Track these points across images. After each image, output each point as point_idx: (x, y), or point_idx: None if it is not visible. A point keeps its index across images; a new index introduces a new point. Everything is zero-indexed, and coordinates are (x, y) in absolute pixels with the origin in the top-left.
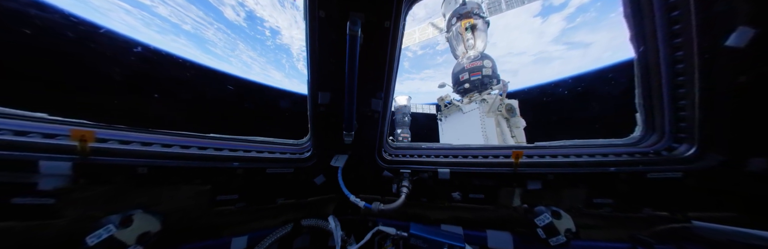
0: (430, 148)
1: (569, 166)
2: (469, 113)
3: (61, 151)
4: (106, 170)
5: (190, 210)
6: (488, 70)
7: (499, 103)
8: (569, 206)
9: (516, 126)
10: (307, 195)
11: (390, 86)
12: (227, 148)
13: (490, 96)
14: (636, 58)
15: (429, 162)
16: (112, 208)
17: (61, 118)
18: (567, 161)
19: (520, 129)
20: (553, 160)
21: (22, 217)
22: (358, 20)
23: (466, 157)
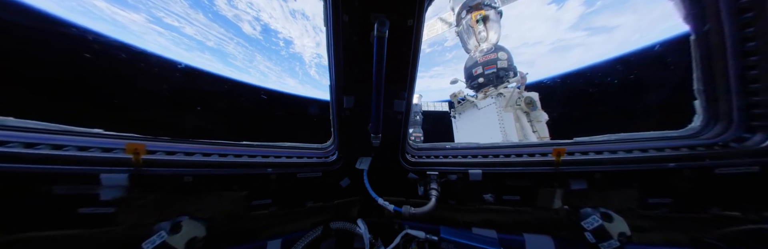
0: (455, 148)
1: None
2: (485, 109)
3: (118, 164)
4: (157, 180)
5: (230, 215)
6: (504, 62)
7: (518, 96)
8: (619, 207)
9: (537, 120)
10: (334, 197)
11: (412, 86)
12: (260, 154)
13: (507, 90)
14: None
15: (457, 163)
16: (163, 215)
17: (114, 132)
18: (615, 158)
19: (542, 123)
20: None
21: (88, 225)
22: (386, 21)
23: (498, 157)
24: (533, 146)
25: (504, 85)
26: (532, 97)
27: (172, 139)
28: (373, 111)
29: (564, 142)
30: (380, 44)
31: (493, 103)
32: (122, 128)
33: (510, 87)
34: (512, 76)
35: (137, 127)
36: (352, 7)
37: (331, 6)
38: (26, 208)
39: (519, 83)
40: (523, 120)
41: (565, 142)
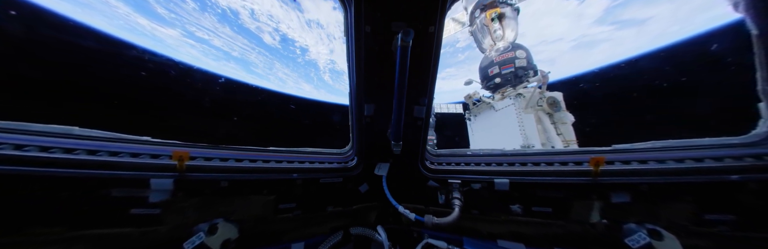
0: (477, 154)
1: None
2: (503, 110)
3: (165, 170)
4: (197, 184)
5: (259, 218)
6: (522, 61)
7: (539, 96)
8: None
9: (562, 122)
10: (353, 203)
11: (432, 92)
12: (285, 160)
13: (527, 90)
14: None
15: (481, 171)
16: (201, 217)
17: (159, 139)
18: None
19: (567, 125)
20: (643, 168)
21: (137, 225)
22: (410, 31)
23: (525, 165)
24: (566, 154)
25: (523, 85)
26: (556, 97)
27: (208, 145)
28: (394, 118)
29: (601, 150)
30: (403, 54)
31: (512, 104)
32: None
33: (530, 87)
34: (532, 75)
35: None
36: (374, 18)
37: (354, 18)
38: (89, 208)
39: (540, 82)
40: (545, 122)
41: (602, 149)
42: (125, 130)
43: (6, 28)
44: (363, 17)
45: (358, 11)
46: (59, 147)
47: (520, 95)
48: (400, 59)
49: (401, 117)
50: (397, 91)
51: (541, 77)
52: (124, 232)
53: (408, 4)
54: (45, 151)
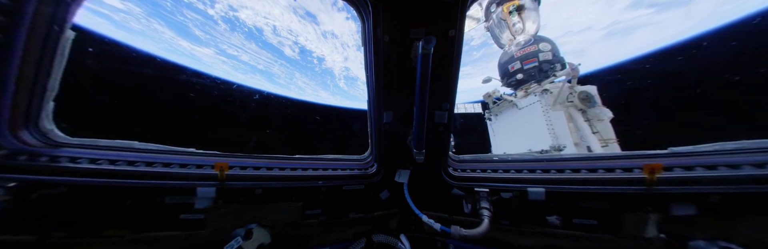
0: (505, 160)
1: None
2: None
3: (208, 179)
4: (235, 192)
5: (288, 223)
6: (547, 54)
7: (569, 91)
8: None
9: (598, 118)
10: (374, 209)
11: (454, 96)
12: (310, 167)
13: (554, 85)
14: None
15: (512, 179)
16: (238, 222)
17: (202, 150)
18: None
19: (604, 122)
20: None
21: (184, 229)
22: (432, 39)
23: (563, 172)
24: (611, 159)
25: (550, 80)
26: (589, 91)
27: (242, 155)
28: (416, 126)
29: (655, 154)
30: (425, 61)
31: (538, 102)
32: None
33: (558, 81)
34: (559, 69)
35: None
36: (391, 27)
37: (371, 28)
38: (147, 213)
39: (569, 76)
40: (578, 119)
41: (656, 153)
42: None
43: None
44: (381, 27)
45: (376, 21)
46: (124, 160)
47: (546, 91)
48: (421, 67)
49: (423, 125)
50: (419, 98)
51: (569, 70)
52: (173, 235)
53: (426, 10)
54: (112, 164)
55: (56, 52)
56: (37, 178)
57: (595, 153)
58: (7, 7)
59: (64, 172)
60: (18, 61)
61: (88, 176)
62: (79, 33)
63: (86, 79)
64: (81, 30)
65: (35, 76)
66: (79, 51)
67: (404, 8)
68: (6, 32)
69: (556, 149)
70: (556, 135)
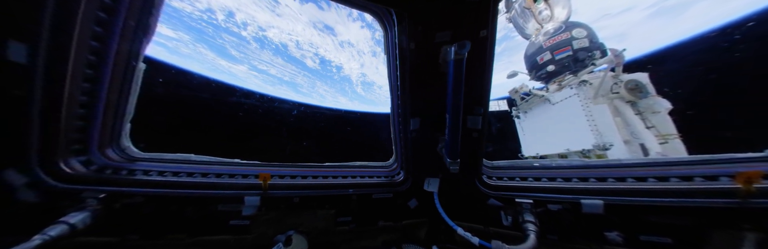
0: (548, 166)
1: None
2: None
3: (254, 188)
4: (276, 201)
5: (321, 230)
6: (582, 41)
7: (613, 81)
8: None
9: (652, 110)
10: (402, 218)
11: (488, 99)
12: (340, 175)
13: (594, 75)
14: None
15: (561, 189)
16: (278, 228)
17: (245, 161)
18: None
19: (660, 114)
20: None
21: (233, 233)
22: (467, 43)
23: (624, 181)
24: (689, 165)
25: (588, 70)
26: (638, 79)
27: (279, 163)
28: (449, 134)
29: (750, 157)
30: (458, 66)
31: (575, 95)
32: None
33: (598, 71)
34: (599, 57)
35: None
36: (417, 34)
37: (396, 37)
38: (203, 219)
39: (612, 64)
40: (626, 113)
41: (751, 156)
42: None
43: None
44: (406, 35)
45: (402, 30)
46: (184, 171)
47: (584, 83)
48: (454, 72)
49: (457, 133)
50: (452, 104)
51: (612, 57)
52: (223, 239)
53: (453, 13)
54: (176, 175)
55: (132, 82)
56: (120, 189)
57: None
58: (96, 48)
59: (139, 184)
60: (105, 91)
61: (158, 187)
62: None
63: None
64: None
65: (117, 102)
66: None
67: (431, 14)
68: (96, 69)
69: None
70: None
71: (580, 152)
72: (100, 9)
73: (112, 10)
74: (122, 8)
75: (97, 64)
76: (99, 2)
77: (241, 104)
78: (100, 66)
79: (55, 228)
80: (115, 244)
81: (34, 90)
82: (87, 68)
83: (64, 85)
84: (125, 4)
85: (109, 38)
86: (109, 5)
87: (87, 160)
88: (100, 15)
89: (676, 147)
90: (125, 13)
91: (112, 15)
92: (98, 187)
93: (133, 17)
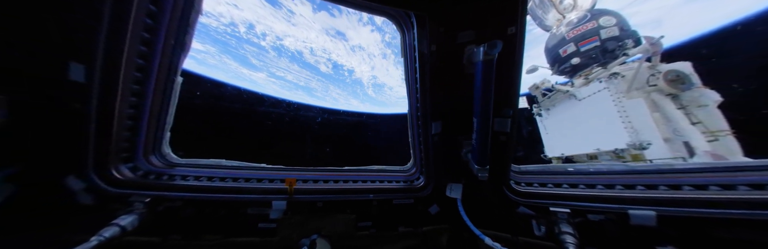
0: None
1: None
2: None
3: (280, 193)
4: (300, 205)
5: (342, 234)
6: (611, 30)
7: (650, 72)
8: None
9: (697, 104)
10: (423, 224)
11: (517, 100)
12: (359, 179)
13: (626, 66)
14: None
15: (601, 197)
16: (303, 232)
17: (271, 165)
18: None
19: (707, 108)
20: None
21: (260, 235)
22: (498, 43)
23: (678, 188)
24: (763, 170)
25: (620, 61)
26: (680, 69)
27: (300, 168)
28: (477, 139)
29: None
30: (487, 67)
31: (605, 89)
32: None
33: (631, 61)
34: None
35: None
36: (438, 35)
37: (416, 39)
38: (234, 222)
39: (648, 53)
40: (666, 107)
41: None
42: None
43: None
44: (428, 37)
45: (421, 32)
46: (217, 176)
47: (615, 75)
48: (483, 73)
49: (486, 137)
50: (481, 107)
51: (647, 46)
52: (252, 241)
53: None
54: (210, 180)
55: (172, 94)
56: (162, 194)
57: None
58: (141, 66)
59: (179, 188)
60: (149, 104)
61: (195, 192)
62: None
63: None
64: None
65: (159, 113)
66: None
67: (452, 14)
68: (142, 84)
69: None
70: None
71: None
72: (144, 30)
73: (154, 30)
74: (163, 28)
75: (143, 79)
76: (143, 24)
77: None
78: (145, 81)
79: (108, 230)
80: (157, 243)
81: (90, 105)
82: (134, 84)
83: (116, 100)
84: (165, 24)
85: (153, 56)
86: (152, 26)
87: (134, 166)
88: (144, 35)
89: (729, 145)
90: (165, 32)
91: (155, 35)
92: (144, 191)
93: (172, 36)
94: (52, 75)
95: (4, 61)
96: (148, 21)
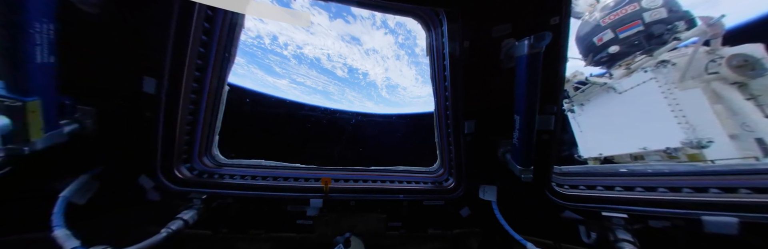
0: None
1: None
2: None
3: (317, 191)
4: (335, 203)
5: (373, 233)
6: (657, 12)
7: (709, 58)
8: None
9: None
10: (452, 227)
11: (560, 95)
12: (387, 179)
13: (677, 52)
14: None
15: (667, 202)
16: (337, 229)
17: (305, 165)
18: None
19: None
20: None
21: (298, 231)
22: (546, 35)
23: (764, 192)
24: None
25: (670, 46)
26: (748, 53)
27: (332, 167)
28: (520, 137)
29: None
30: (532, 61)
31: (652, 79)
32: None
33: (684, 46)
34: (684, 29)
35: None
36: (470, 31)
37: (447, 36)
38: (276, 218)
39: (705, 36)
40: (731, 97)
41: None
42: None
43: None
44: (460, 34)
45: (453, 29)
46: (259, 175)
47: (664, 63)
48: (528, 68)
49: (531, 136)
50: (525, 104)
51: (705, 28)
52: (291, 236)
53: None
54: (253, 179)
55: (221, 102)
56: (215, 191)
57: None
58: (198, 77)
59: (228, 186)
60: (203, 111)
61: (242, 189)
62: None
63: None
64: None
65: (211, 119)
66: None
67: (487, 7)
68: (198, 94)
69: (694, 146)
70: (690, 125)
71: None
72: (201, 45)
73: (208, 45)
74: (214, 43)
75: (199, 90)
76: (200, 40)
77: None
78: (201, 91)
79: (174, 223)
80: (209, 236)
81: (159, 113)
82: (192, 93)
83: (178, 108)
84: (216, 39)
85: (207, 68)
86: (206, 42)
87: (191, 166)
88: (200, 50)
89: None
90: (216, 46)
91: (208, 49)
92: (200, 189)
93: (221, 50)
94: (130, 88)
95: (94, 79)
96: (203, 38)
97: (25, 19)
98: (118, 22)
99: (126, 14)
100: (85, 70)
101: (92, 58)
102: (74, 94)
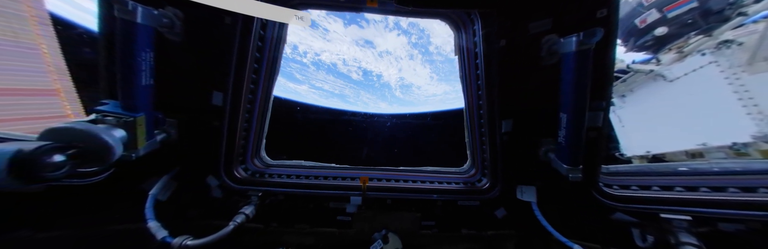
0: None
1: None
2: (688, 77)
3: (355, 189)
4: (372, 201)
5: (407, 231)
6: None
7: None
8: None
9: None
10: (486, 228)
11: (610, 91)
12: (419, 179)
13: (744, 30)
14: None
15: (737, 203)
16: (374, 226)
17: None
18: None
19: None
20: None
21: (338, 227)
22: (597, 31)
23: None
24: None
25: (734, 24)
26: None
27: (365, 167)
28: (569, 135)
29: None
30: (582, 58)
31: (712, 63)
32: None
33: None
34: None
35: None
36: (505, 29)
37: (481, 36)
38: (318, 214)
39: None
40: None
41: None
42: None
43: None
44: (496, 33)
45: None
46: (302, 175)
47: (727, 43)
48: (577, 65)
49: (580, 134)
50: (573, 102)
51: None
52: (331, 231)
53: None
54: (297, 178)
55: (267, 110)
56: (267, 189)
57: None
58: (252, 89)
59: (278, 184)
60: (256, 118)
61: (289, 187)
62: None
63: None
64: None
65: (260, 125)
66: None
67: (524, 4)
68: (252, 103)
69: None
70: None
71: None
72: (255, 61)
73: (259, 60)
74: (265, 58)
75: (253, 100)
76: (254, 57)
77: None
78: (254, 101)
79: (238, 217)
80: (261, 229)
81: (223, 122)
82: (247, 104)
83: (238, 117)
84: (266, 54)
85: (259, 81)
86: (259, 58)
87: (245, 167)
88: (254, 65)
89: None
90: (266, 61)
91: (260, 64)
92: (255, 187)
93: (269, 64)
94: (203, 102)
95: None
96: (257, 54)
97: (134, 50)
98: (194, 46)
99: (199, 39)
100: (171, 88)
101: (175, 78)
102: (163, 108)
